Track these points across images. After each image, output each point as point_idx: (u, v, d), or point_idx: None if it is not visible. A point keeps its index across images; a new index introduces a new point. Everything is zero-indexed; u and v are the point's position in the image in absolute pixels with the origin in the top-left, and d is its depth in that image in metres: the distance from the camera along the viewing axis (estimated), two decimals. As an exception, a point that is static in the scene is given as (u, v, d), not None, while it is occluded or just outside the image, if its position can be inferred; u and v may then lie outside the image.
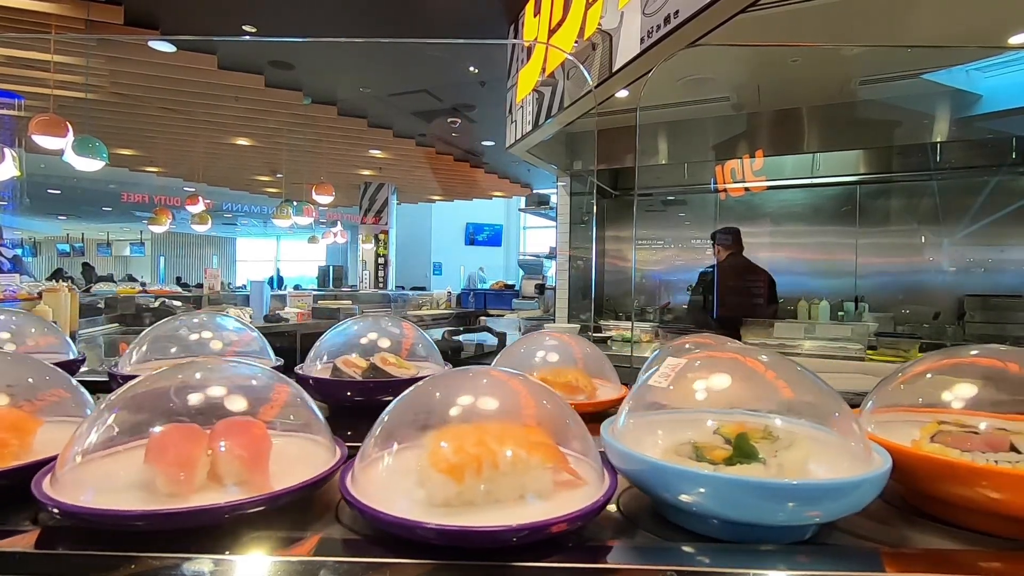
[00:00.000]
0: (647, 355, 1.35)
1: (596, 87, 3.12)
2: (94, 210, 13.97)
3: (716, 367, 0.75)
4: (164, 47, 4.80)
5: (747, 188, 4.85)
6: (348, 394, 1.07)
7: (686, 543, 0.60)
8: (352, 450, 0.70)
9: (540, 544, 0.57)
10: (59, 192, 11.45)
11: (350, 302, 6.46)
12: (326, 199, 7.32)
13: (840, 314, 4.22)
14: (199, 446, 0.62)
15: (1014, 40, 2.93)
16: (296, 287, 10.81)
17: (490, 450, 0.60)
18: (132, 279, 10.17)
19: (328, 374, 1.10)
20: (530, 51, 4.07)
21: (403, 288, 11.10)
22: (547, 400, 0.73)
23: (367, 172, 9.83)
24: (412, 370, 1.11)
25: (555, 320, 5.30)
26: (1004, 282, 3.86)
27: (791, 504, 0.56)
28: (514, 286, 10.54)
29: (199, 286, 8.89)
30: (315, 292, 7.80)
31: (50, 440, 0.71)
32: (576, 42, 3.31)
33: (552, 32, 3.64)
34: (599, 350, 1.25)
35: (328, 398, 1.12)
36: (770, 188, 4.76)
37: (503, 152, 5.53)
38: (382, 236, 10.73)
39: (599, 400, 1.07)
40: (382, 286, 10.56)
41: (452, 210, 13.86)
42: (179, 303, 5.61)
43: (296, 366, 1.22)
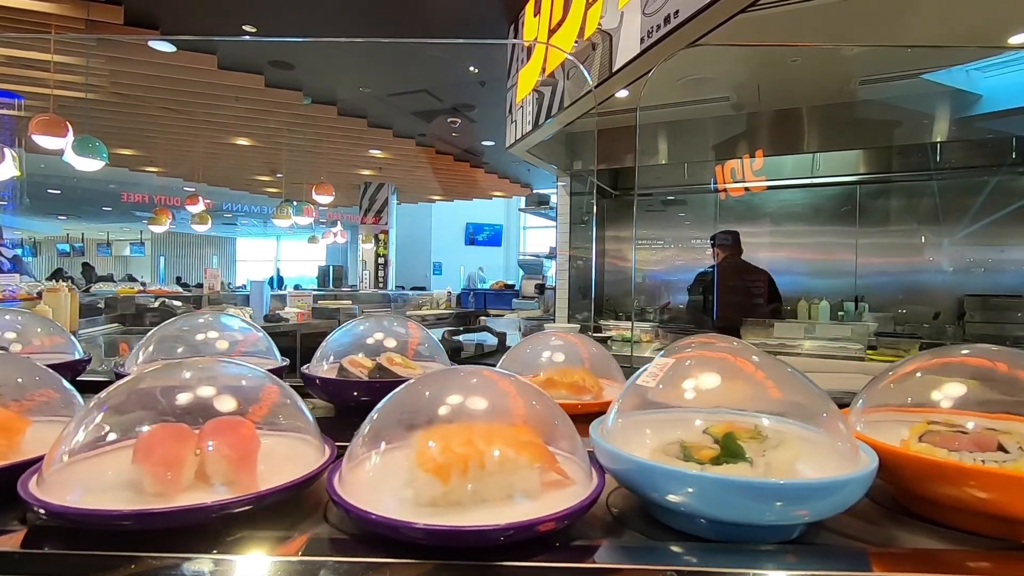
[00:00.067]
0: (647, 355, 1.35)
1: (596, 87, 3.12)
2: (94, 210, 13.98)
3: (705, 367, 0.75)
4: (164, 47, 4.80)
5: (747, 188, 4.85)
6: (354, 394, 1.07)
7: (673, 542, 0.60)
8: (344, 450, 0.70)
9: (527, 543, 0.57)
10: (59, 192, 11.46)
11: (350, 302, 6.46)
12: (326, 199, 7.32)
13: (840, 314, 4.21)
14: (187, 446, 0.62)
15: (1014, 40, 2.93)
16: (296, 287, 10.81)
17: (477, 450, 0.60)
18: (132, 279, 10.17)
19: (334, 374, 1.10)
20: (530, 51, 4.07)
21: (403, 288, 11.10)
22: (535, 400, 0.73)
23: (367, 172, 9.83)
24: (418, 370, 1.11)
25: (555, 320, 5.29)
26: (1004, 282, 3.85)
27: (776, 503, 0.56)
28: (514, 286, 10.54)
29: (199, 286, 8.90)
30: (315, 292, 7.81)
31: (39, 440, 0.71)
32: (576, 42, 3.31)
33: (552, 32, 3.64)
34: (605, 350, 1.25)
35: (334, 398, 1.12)
36: (770, 188, 4.76)
37: (503, 152, 5.53)
38: (382, 236, 10.74)
39: (605, 400, 1.06)
40: (382, 286, 10.56)
41: (452, 210, 13.86)
42: (179, 303, 5.61)
43: (295, 366, 1.22)
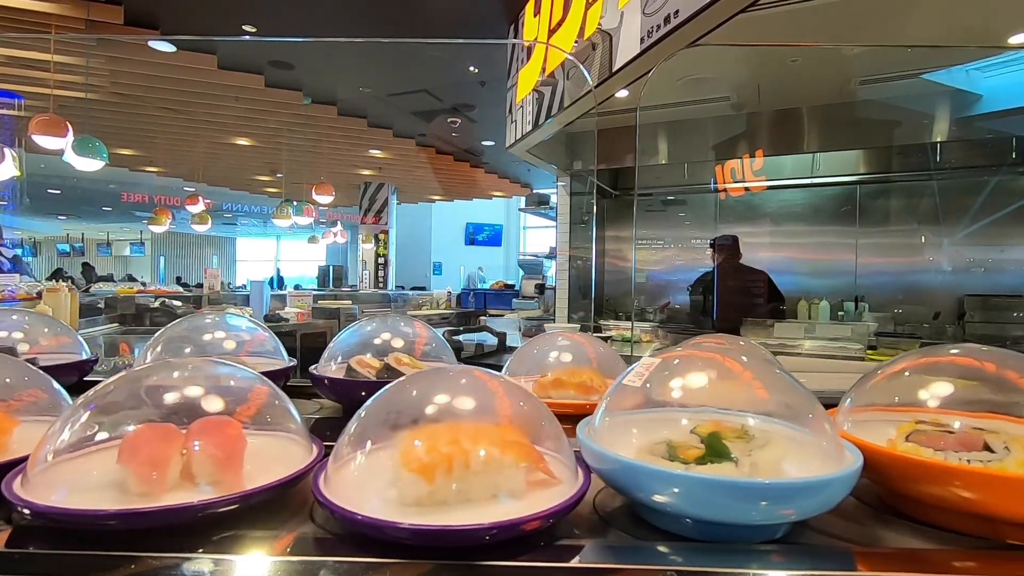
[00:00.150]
0: (648, 355, 1.35)
1: (596, 87, 3.12)
2: (94, 210, 13.96)
3: (693, 367, 0.76)
4: (164, 47, 4.79)
5: (747, 188, 4.85)
6: (362, 394, 1.07)
7: (658, 542, 0.60)
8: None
9: (512, 543, 0.57)
10: (59, 192, 11.44)
11: (350, 302, 6.44)
12: (326, 199, 7.32)
13: (840, 314, 4.22)
14: (172, 445, 0.62)
15: (1014, 40, 2.93)
16: (296, 287, 10.80)
17: (462, 449, 0.60)
18: (132, 279, 10.16)
19: (342, 374, 1.10)
20: (530, 51, 4.07)
21: (403, 288, 11.10)
22: (523, 400, 0.73)
23: (367, 172, 9.83)
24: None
25: (555, 320, 5.29)
26: (1004, 282, 3.86)
27: (759, 503, 0.56)
28: (514, 286, 10.54)
29: (199, 286, 8.89)
30: (315, 292, 7.80)
31: (27, 440, 0.71)
32: (576, 42, 3.31)
33: (552, 32, 3.64)
34: (613, 350, 1.25)
35: (342, 398, 1.12)
36: (770, 188, 4.76)
37: (503, 152, 5.53)
38: (382, 236, 10.73)
39: None
40: (382, 286, 10.56)
41: (452, 210, 13.86)
42: (179, 303, 5.60)
43: (295, 366, 1.23)
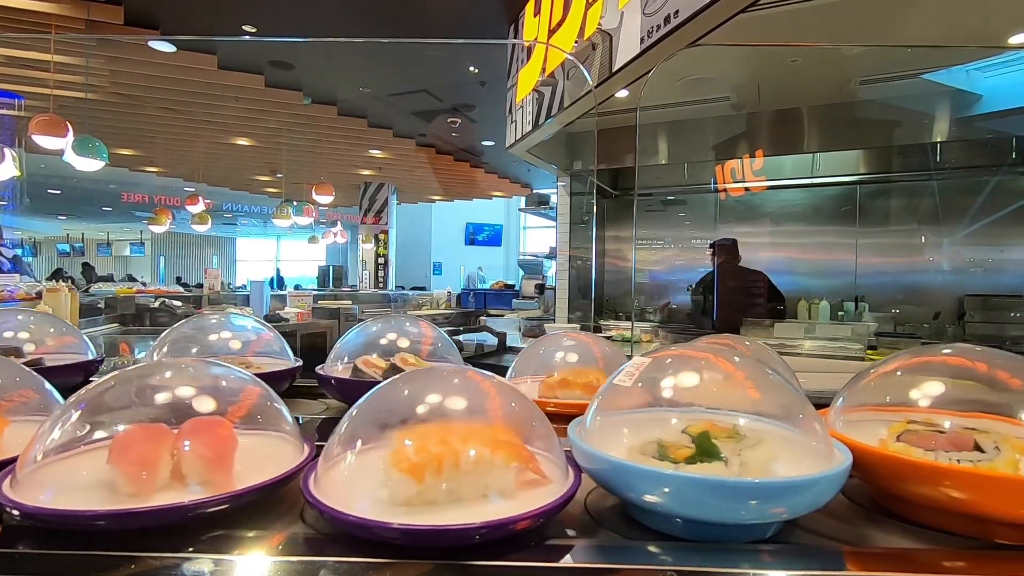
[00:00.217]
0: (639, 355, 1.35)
1: (596, 87, 3.12)
2: (94, 210, 13.95)
3: (684, 367, 0.76)
4: (164, 47, 4.79)
5: (747, 188, 4.85)
6: None
7: (647, 541, 0.60)
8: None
9: (502, 542, 0.57)
10: (59, 192, 11.43)
11: (350, 302, 6.44)
12: (326, 199, 7.31)
13: (840, 314, 4.22)
14: (162, 445, 0.62)
15: (1014, 40, 2.93)
16: (296, 287, 10.80)
17: (452, 449, 0.60)
18: (132, 279, 10.15)
19: (349, 374, 1.11)
20: (530, 51, 4.07)
21: (403, 288, 11.09)
22: (513, 400, 0.73)
23: (367, 172, 9.83)
24: None
25: (555, 320, 5.29)
26: (1004, 282, 3.86)
27: (747, 502, 0.56)
28: (514, 286, 10.54)
29: (199, 286, 8.89)
30: (315, 292, 7.80)
31: (16, 440, 0.71)
32: (576, 42, 3.31)
33: (552, 32, 3.64)
34: (619, 349, 1.25)
35: (348, 398, 1.12)
36: (770, 188, 4.76)
37: (503, 152, 5.53)
38: (382, 236, 10.73)
39: None
40: (382, 286, 10.55)
41: (452, 210, 13.85)
42: (179, 303, 5.59)
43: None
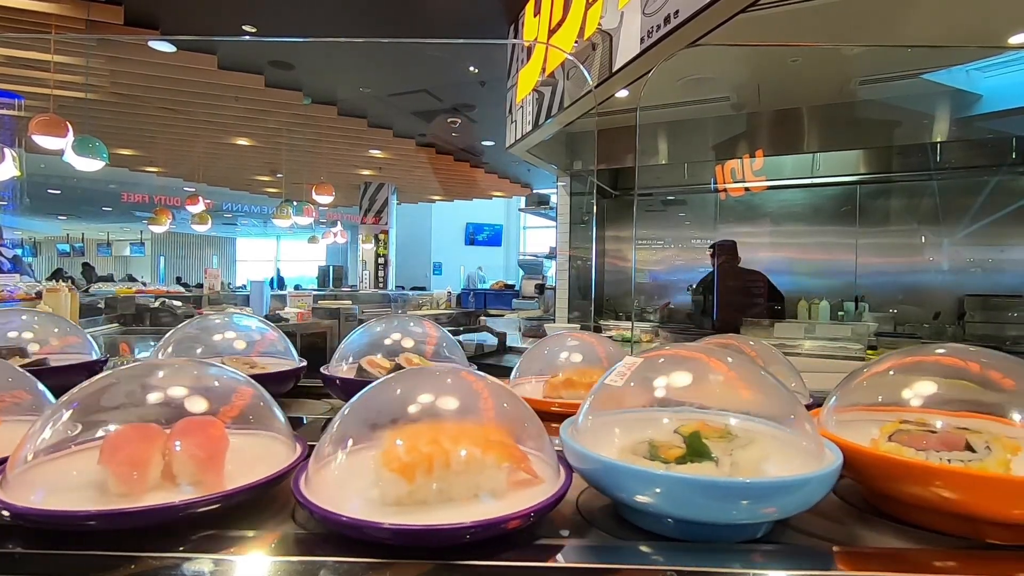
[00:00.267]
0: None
1: (596, 87, 3.12)
2: (94, 210, 13.96)
3: (676, 366, 0.76)
4: (164, 47, 4.79)
5: (747, 188, 4.85)
6: None
7: (638, 541, 0.60)
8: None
9: (493, 542, 0.57)
10: (59, 192, 11.44)
11: (350, 302, 6.44)
12: (326, 199, 7.32)
13: (840, 314, 4.21)
14: (153, 446, 0.62)
15: (1014, 40, 2.93)
16: (296, 287, 10.80)
17: (443, 449, 0.60)
18: (132, 279, 10.16)
19: (353, 374, 1.11)
20: (530, 51, 4.07)
21: (403, 288, 11.10)
22: (506, 400, 0.73)
23: (367, 172, 9.83)
24: None
25: (555, 320, 5.29)
26: (1004, 282, 3.86)
27: (736, 502, 0.56)
28: (514, 286, 10.54)
29: (199, 286, 8.89)
30: (315, 292, 7.80)
31: (7, 441, 0.70)
32: (576, 42, 3.31)
33: (552, 32, 3.64)
34: (623, 350, 1.25)
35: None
36: (770, 188, 4.76)
37: (503, 152, 5.53)
38: (382, 236, 10.73)
39: None
40: (382, 286, 10.55)
41: (452, 210, 13.85)
42: (179, 303, 5.60)
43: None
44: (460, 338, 3.04)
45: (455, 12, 4.41)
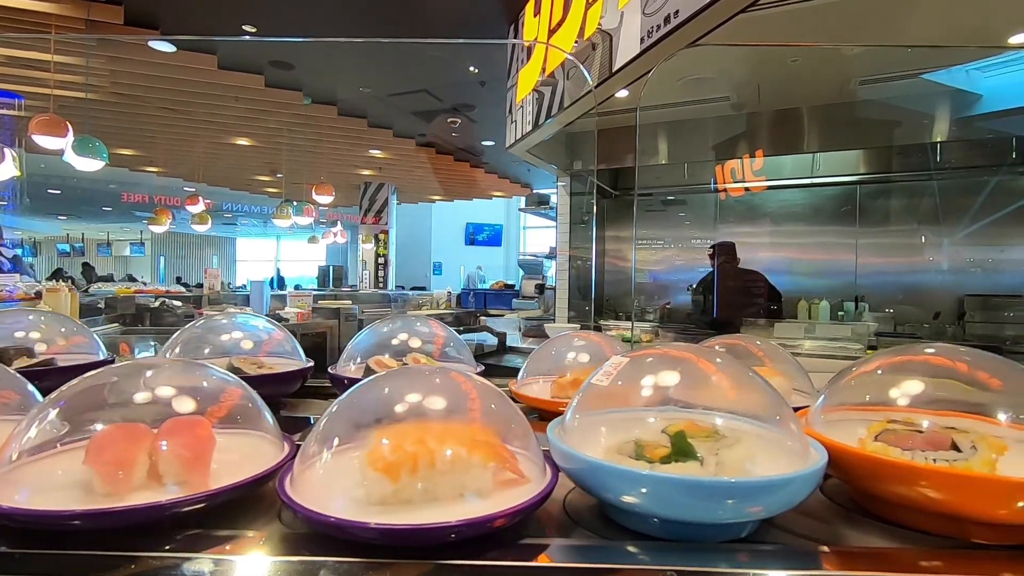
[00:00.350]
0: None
1: (596, 87, 3.12)
2: (94, 210, 13.98)
3: (663, 366, 0.76)
4: (164, 47, 4.80)
5: (747, 188, 4.85)
6: None
7: (624, 541, 0.60)
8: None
9: (478, 541, 0.57)
10: (59, 192, 11.46)
11: (350, 302, 6.44)
12: (326, 199, 7.32)
13: (840, 314, 4.21)
14: (139, 445, 0.62)
15: (1014, 40, 2.93)
16: (296, 287, 10.81)
17: (428, 449, 0.60)
18: (132, 279, 10.18)
19: (361, 375, 1.11)
20: (530, 51, 4.07)
21: (403, 288, 11.10)
22: (494, 400, 0.73)
23: (367, 172, 9.83)
24: None
25: (555, 320, 5.29)
26: (1004, 282, 3.85)
27: (720, 501, 0.56)
28: (514, 286, 10.54)
29: (199, 286, 8.90)
30: (315, 292, 7.80)
31: None
32: (576, 42, 3.31)
33: (552, 32, 3.63)
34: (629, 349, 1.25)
35: None
36: (770, 188, 4.75)
37: (503, 152, 5.53)
38: (382, 236, 10.74)
39: None
40: (382, 286, 10.56)
41: (452, 210, 13.86)
42: (179, 303, 5.60)
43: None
44: (460, 338, 3.05)
45: (455, 12, 4.41)
